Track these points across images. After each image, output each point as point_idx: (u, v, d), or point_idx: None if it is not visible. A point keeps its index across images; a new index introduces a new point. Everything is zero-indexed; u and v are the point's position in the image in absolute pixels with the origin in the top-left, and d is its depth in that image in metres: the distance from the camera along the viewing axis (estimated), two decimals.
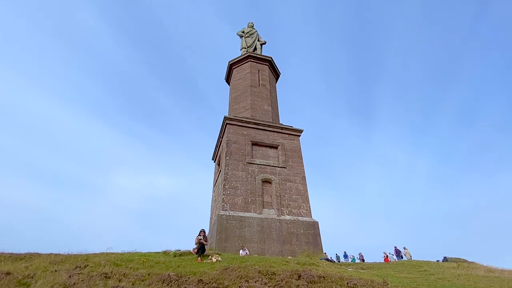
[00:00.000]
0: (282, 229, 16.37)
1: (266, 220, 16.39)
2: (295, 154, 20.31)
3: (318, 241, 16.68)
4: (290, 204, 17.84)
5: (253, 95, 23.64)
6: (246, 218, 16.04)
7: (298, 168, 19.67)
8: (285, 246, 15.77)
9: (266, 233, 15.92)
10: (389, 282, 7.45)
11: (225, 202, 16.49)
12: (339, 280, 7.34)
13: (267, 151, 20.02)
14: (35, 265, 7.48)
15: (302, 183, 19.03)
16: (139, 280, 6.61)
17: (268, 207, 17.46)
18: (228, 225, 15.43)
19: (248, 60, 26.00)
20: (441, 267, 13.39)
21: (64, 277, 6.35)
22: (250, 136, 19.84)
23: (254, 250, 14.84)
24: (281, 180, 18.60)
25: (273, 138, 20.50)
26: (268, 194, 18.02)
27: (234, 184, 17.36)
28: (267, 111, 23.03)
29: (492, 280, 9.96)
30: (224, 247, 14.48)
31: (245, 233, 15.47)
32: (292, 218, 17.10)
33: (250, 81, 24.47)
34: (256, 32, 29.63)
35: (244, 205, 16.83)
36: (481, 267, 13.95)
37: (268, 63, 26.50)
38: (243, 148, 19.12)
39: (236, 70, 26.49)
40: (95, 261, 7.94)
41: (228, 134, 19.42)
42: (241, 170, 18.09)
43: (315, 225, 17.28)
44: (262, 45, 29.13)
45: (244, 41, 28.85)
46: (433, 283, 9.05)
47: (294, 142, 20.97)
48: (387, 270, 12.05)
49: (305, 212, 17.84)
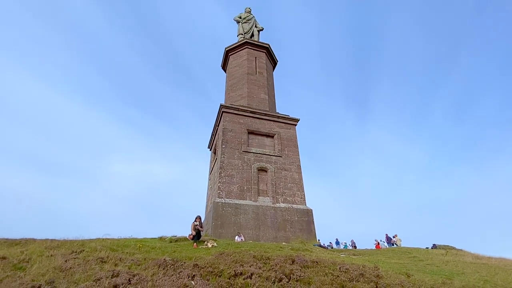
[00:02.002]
0: (277, 216, 16.61)
1: (261, 208, 16.59)
2: (291, 143, 20.35)
3: (312, 228, 17.01)
4: (285, 192, 18.03)
5: (250, 83, 23.37)
6: (242, 206, 16.20)
7: (294, 157, 19.76)
8: (279, 232, 16.06)
9: (261, 220, 16.15)
10: (380, 267, 7.66)
11: (221, 189, 16.59)
12: (331, 265, 7.52)
13: (263, 140, 20.01)
14: (30, 250, 7.49)
15: (297, 172, 19.18)
16: (135, 264, 6.68)
17: (264, 195, 17.63)
18: (224, 212, 15.58)
19: (245, 46, 25.52)
20: (430, 254, 13.80)
21: (60, 262, 6.39)
22: (246, 125, 19.75)
23: (249, 236, 15.09)
24: (276, 169, 18.71)
25: (269, 127, 20.45)
26: (264, 182, 18.15)
27: (230, 172, 17.42)
28: (263, 100, 22.85)
29: (480, 267, 10.31)
30: (220, 234, 14.69)
31: (241, 220, 15.67)
32: (287, 206, 17.32)
33: (247, 68, 24.12)
34: (253, 18, 28.95)
35: (240, 193, 16.96)
36: (468, 254, 14.40)
37: (265, 50, 26.06)
38: (239, 136, 19.06)
39: (233, 57, 26.02)
40: (91, 246, 7.98)
41: (224, 122, 19.30)
42: (237, 158, 18.11)
43: (309, 213, 17.57)
44: (260, 32, 28.55)
45: (241, 27, 28.22)
46: (422, 268, 9.34)
47: (290, 131, 20.96)
48: (378, 256, 12.38)
49: (300, 200, 18.08)
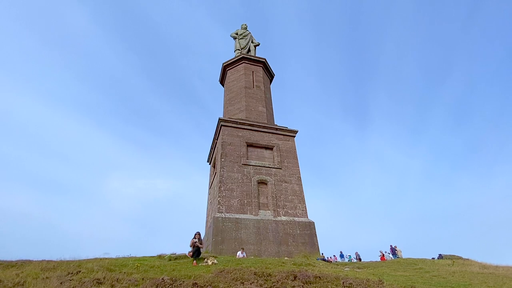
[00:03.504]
0: (278, 230, 16.34)
1: (262, 222, 16.34)
2: (290, 155, 20.32)
3: (315, 242, 16.69)
4: (286, 205, 17.83)
5: (248, 97, 23.63)
6: (242, 220, 15.97)
7: (294, 169, 19.68)
8: (281, 247, 15.74)
9: (263, 234, 15.87)
10: (384, 281, 7.46)
11: (220, 204, 16.41)
12: (334, 280, 7.33)
13: (262, 152, 20.00)
14: (26, 272, 7.32)
15: (297, 184, 19.04)
16: (132, 285, 6.51)
17: (264, 208, 17.42)
18: (224, 227, 15.34)
19: (242, 61, 25.99)
20: (436, 265, 13.48)
21: (55, 284, 6.23)
22: (245, 138, 19.81)
23: (250, 252, 14.78)
24: (276, 181, 18.58)
25: (268, 139, 20.49)
26: (264, 195, 17.99)
27: (229, 186, 17.29)
28: (261, 112, 23.03)
29: (487, 277, 10.04)
30: (221, 250, 14.39)
31: (242, 235, 15.39)
32: (288, 219, 17.08)
33: (245, 82, 24.46)
34: (249, 34, 29.66)
35: (240, 206, 16.76)
36: (475, 264, 14.08)
37: (262, 65, 26.53)
38: (238, 149, 19.07)
39: (230, 71, 26.45)
40: (87, 267, 7.80)
41: (223, 135, 19.36)
42: (236, 171, 18.03)
43: (311, 226, 17.29)
44: (256, 47, 29.16)
45: (238, 42, 28.86)
46: (428, 281, 9.09)
47: (289, 143, 20.98)
48: (383, 269, 12.08)
49: (301, 213, 17.84)
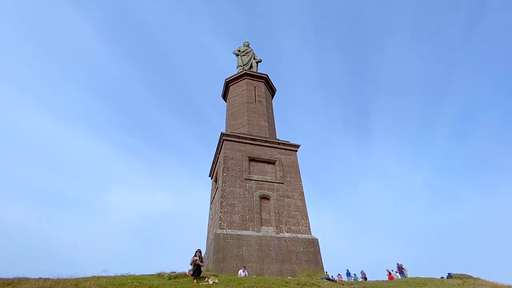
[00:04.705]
0: (281, 247, 15.91)
1: (264, 238, 15.96)
2: (292, 170, 20.17)
3: (319, 259, 16.19)
4: (289, 221, 17.47)
5: (250, 111, 23.82)
6: (244, 237, 15.61)
7: (296, 184, 19.46)
8: (284, 265, 15.27)
9: (265, 252, 15.45)
10: None
11: (222, 220, 16.11)
12: None
13: (265, 167, 19.87)
14: None
15: (300, 199, 18.76)
16: None
17: (267, 224, 17.07)
18: (226, 244, 14.97)
19: (244, 77, 26.43)
20: (446, 285, 12.95)
21: None
22: (247, 152, 19.76)
23: (252, 270, 14.33)
24: (279, 196, 18.33)
25: (270, 153, 20.43)
26: (266, 210, 17.68)
27: (231, 201, 17.05)
28: (263, 127, 23.12)
29: None
30: (222, 268, 13.97)
31: (243, 253, 14.99)
32: (291, 236, 16.68)
33: (247, 97, 24.75)
34: (251, 51, 30.34)
35: (242, 222, 16.44)
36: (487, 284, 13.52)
37: (264, 80, 26.95)
38: (240, 164, 18.97)
39: (233, 87, 26.85)
40: (85, 286, 7.56)
41: (225, 150, 19.33)
42: (238, 186, 17.84)
43: (315, 242, 16.85)
44: (258, 63, 29.73)
45: (240, 59, 29.47)
46: None
47: (291, 157, 20.88)
48: None
49: (304, 229, 17.45)
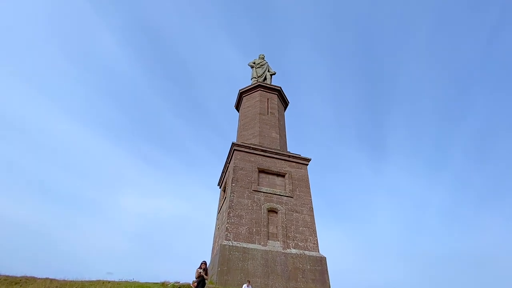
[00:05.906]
0: (287, 263, 15.44)
1: (270, 253, 15.55)
2: (302, 184, 19.82)
3: (326, 279, 15.58)
4: (297, 237, 17.01)
5: (262, 122, 23.85)
6: (250, 250, 15.27)
7: (306, 198, 19.07)
8: (290, 282, 14.75)
9: (271, 267, 15.01)
10: None
11: (228, 231, 15.86)
12: None
13: (274, 179, 19.63)
14: None
15: (309, 214, 18.31)
16: None
17: (273, 238, 16.67)
18: (231, 256, 14.66)
19: (258, 89, 26.66)
20: None
21: None
22: (257, 163, 19.63)
23: (257, 285, 13.90)
24: (287, 210, 17.96)
25: (280, 166, 20.22)
26: (274, 224, 17.32)
27: (239, 213, 16.82)
28: (275, 139, 23.03)
29: None
30: (226, 281, 13.63)
31: (248, 266, 14.62)
32: (298, 252, 16.19)
33: (259, 109, 24.85)
34: (266, 64, 30.71)
35: (249, 235, 16.13)
36: None
37: (277, 93, 27.08)
38: (250, 175, 18.82)
39: (246, 98, 27.09)
40: None
41: (235, 160, 19.28)
42: (246, 197, 17.64)
43: (323, 261, 16.27)
44: (272, 76, 30.00)
45: (255, 71, 29.84)
46: None
47: (301, 171, 20.58)
48: None
49: (312, 246, 16.92)
